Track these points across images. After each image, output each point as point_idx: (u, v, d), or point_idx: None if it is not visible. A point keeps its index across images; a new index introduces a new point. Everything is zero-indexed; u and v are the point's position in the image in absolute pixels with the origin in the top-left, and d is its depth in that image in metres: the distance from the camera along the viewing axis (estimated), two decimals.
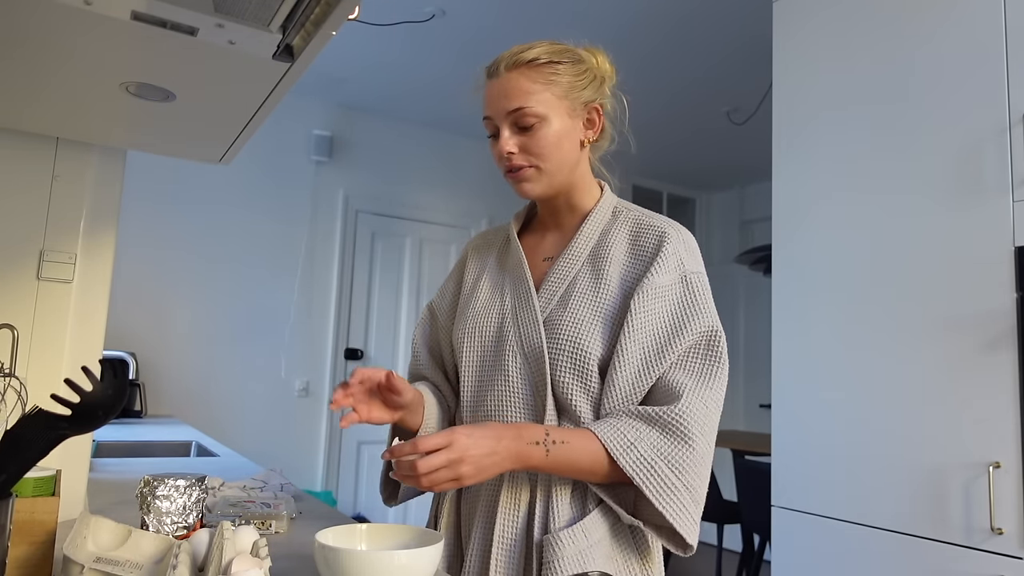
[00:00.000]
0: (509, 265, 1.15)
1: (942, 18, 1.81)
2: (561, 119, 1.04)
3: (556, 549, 0.94)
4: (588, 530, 0.97)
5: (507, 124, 1.04)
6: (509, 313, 1.09)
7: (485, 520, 1.03)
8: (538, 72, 1.03)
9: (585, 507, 1.00)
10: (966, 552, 1.62)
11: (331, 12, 0.73)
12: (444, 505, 1.10)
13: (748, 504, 3.17)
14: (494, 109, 1.05)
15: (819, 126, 2.07)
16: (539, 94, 1.03)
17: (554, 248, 1.13)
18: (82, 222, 1.18)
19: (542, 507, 0.99)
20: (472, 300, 1.15)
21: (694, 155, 4.99)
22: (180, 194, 3.89)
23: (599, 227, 1.10)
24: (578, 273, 1.07)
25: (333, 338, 4.28)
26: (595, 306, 1.03)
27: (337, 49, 3.62)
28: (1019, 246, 1.60)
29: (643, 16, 3.15)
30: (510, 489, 1.01)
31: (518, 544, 0.99)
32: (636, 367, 0.98)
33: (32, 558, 0.79)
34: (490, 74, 1.07)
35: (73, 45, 0.81)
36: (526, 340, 1.04)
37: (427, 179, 4.68)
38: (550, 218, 1.15)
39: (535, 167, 1.05)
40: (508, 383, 1.05)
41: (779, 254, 2.14)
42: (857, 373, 1.89)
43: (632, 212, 1.12)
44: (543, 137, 1.03)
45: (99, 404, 0.75)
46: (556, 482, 1.00)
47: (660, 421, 0.94)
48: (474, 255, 1.23)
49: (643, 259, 1.05)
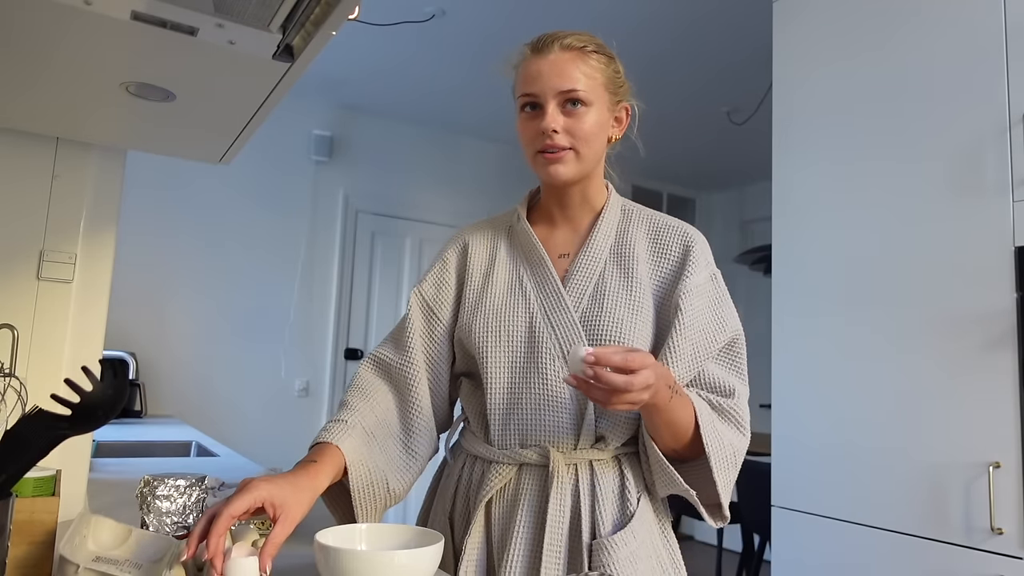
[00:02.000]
0: (526, 259, 1.11)
1: (942, 18, 1.81)
2: (601, 110, 1.05)
3: (612, 552, 0.96)
4: (636, 532, 0.99)
5: (556, 102, 1.03)
6: (538, 311, 1.06)
7: (531, 527, 1.00)
8: (589, 60, 1.04)
9: (626, 510, 1.01)
10: (966, 552, 1.62)
11: (331, 12, 0.73)
12: (475, 515, 1.04)
13: (748, 504, 3.16)
14: (543, 86, 1.03)
15: (819, 126, 2.07)
16: (590, 80, 1.03)
17: (568, 244, 1.12)
18: (82, 222, 1.18)
19: (588, 512, 1.00)
20: (486, 296, 1.10)
21: (694, 155, 4.99)
22: (180, 194, 3.89)
23: (614, 224, 1.11)
24: (604, 271, 1.07)
25: (333, 338, 4.27)
26: (630, 305, 1.04)
27: (337, 49, 3.62)
28: (1019, 246, 1.60)
29: (643, 16, 3.15)
30: (558, 495, 1.00)
31: (565, 549, 0.99)
32: (687, 363, 1.01)
33: (32, 558, 0.79)
34: (538, 50, 1.05)
35: (73, 45, 0.81)
36: (565, 340, 1.03)
37: (427, 179, 4.68)
38: (559, 211, 1.13)
39: (574, 150, 1.04)
40: (547, 385, 1.03)
41: (779, 254, 2.14)
42: (857, 373, 1.89)
43: (643, 212, 1.14)
44: (588, 123, 1.03)
45: (99, 404, 0.75)
46: (601, 487, 1.01)
47: (722, 410, 1.01)
48: (476, 246, 1.16)
49: (672, 259, 1.07)
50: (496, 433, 1.05)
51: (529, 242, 1.12)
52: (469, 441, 1.11)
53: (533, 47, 1.06)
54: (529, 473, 1.03)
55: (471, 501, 1.07)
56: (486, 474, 1.05)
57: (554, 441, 1.03)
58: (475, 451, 1.09)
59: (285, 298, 4.16)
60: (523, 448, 1.04)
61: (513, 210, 1.19)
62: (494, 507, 1.04)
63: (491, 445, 1.06)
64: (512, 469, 1.04)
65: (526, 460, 1.03)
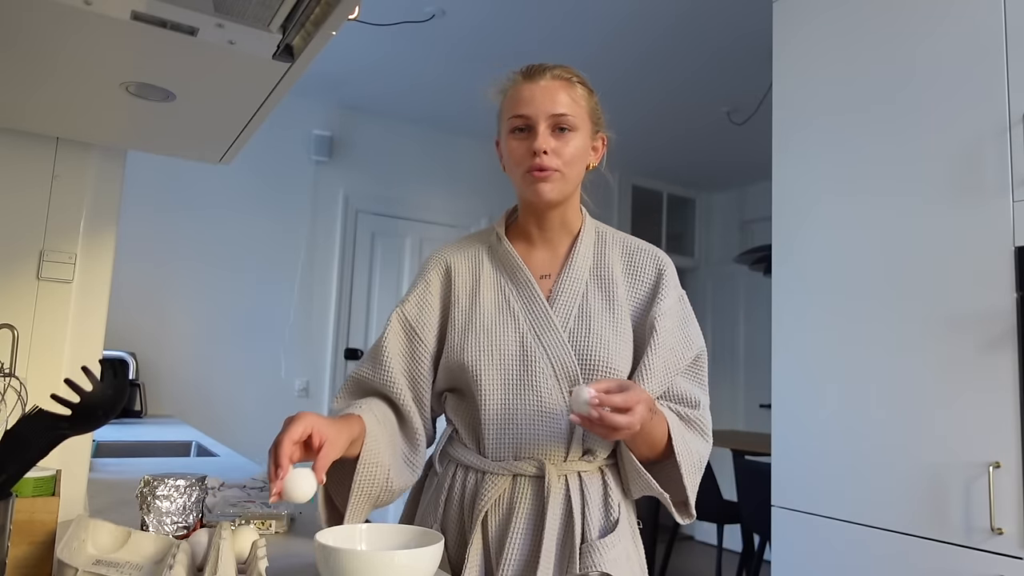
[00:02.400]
0: (510, 279, 1.16)
1: (942, 18, 1.81)
2: (584, 137, 1.14)
3: (602, 553, 1.04)
4: (620, 535, 1.08)
5: (547, 125, 1.10)
6: (528, 331, 1.12)
7: (527, 533, 1.06)
8: (575, 90, 1.13)
9: (610, 516, 1.10)
10: (966, 552, 1.62)
11: (331, 12, 0.73)
12: (475, 524, 1.08)
13: (748, 504, 3.17)
14: (535, 108, 1.10)
15: (819, 126, 2.07)
16: (578, 107, 1.12)
17: (547, 265, 1.18)
18: (82, 222, 1.18)
19: (579, 518, 1.07)
20: (475, 317, 1.14)
21: (694, 155, 4.99)
22: (180, 194, 3.89)
23: (591, 247, 1.19)
24: (586, 291, 1.15)
25: (333, 338, 4.28)
26: (613, 325, 1.12)
27: (337, 49, 3.62)
28: (1019, 246, 1.60)
29: (643, 16, 3.15)
30: (553, 504, 1.06)
31: (559, 553, 1.05)
32: (660, 379, 1.11)
33: (32, 558, 0.79)
34: (530, 76, 1.13)
35: (73, 45, 0.81)
36: (557, 360, 1.10)
37: (427, 179, 4.68)
38: (538, 232, 1.19)
39: (560, 171, 1.10)
40: (540, 402, 1.09)
41: (779, 254, 2.14)
42: (857, 373, 1.89)
43: (616, 234, 1.23)
44: (573, 146, 1.11)
45: (99, 404, 0.75)
46: (589, 495, 1.09)
47: (690, 420, 1.11)
48: (458, 267, 1.19)
49: (646, 282, 1.17)
50: (491, 446, 1.10)
51: (513, 263, 1.17)
52: (460, 452, 1.14)
53: (525, 74, 1.14)
54: (523, 483, 1.08)
55: (466, 510, 1.11)
56: (481, 484, 1.10)
57: (546, 453, 1.09)
58: (467, 461, 1.12)
59: (285, 298, 4.16)
60: (517, 460, 1.09)
61: (490, 229, 1.24)
62: (490, 515, 1.09)
63: (485, 456, 1.11)
64: (507, 479, 1.09)
65: (520, 471, 1.08)
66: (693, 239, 5.86)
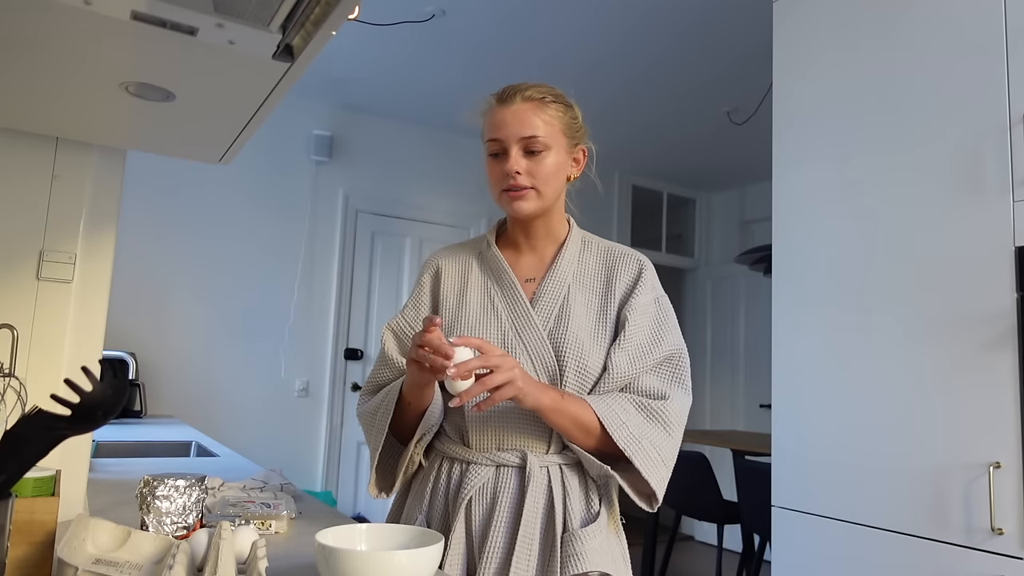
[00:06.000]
0: (496, 282, 1.24)
1: (942, 18, 1.81)
2: (559, 153, 1.19)
3: (583, 542, 1.08)
4: (601, 526, 1.13)
5: (518, 147, 1.16)
6: (510, 329, 1.19)
7: (510, 522, 1.11)
8: (548, 109, 1.18)
9: (591, 507, 1.15)
10: (966, 552, 1.62)
11: (331, 12, 0.72)
12: (458, 512, 1.13)
13: (748, 504, 3.16)
14: (507, 132, 1.16)
15: (819, 126, 2.07)
16: (548, 127, 1.17)
17: (533, 270, 1.25)
18: (82, 222, 1.18)
19: (561, 508, 1.11)
20: (461, 314, 1.22)
21: (694, 155, 4.99)
22: (180, 194, 3.89)
23: (576, 253, 1.25)
24: (568, 294, 1.20)
25: (333, 338, 4.27)
26: (589, 327, 1.18)
27: (337, 49, 3.62)
28: (1019, 246, 1.60)
29: (643, 16, 3.15)
30: (534, 494, 1.11)
31: (538, 542, 1.10)
32: (623, 371, 1.15)
33: (32, 558, 0.79)
34: (503, 100, 1.18)
35: (73, 45, 0.81)
36: (536, 358, 1.16)
37: (427, 179, 4.68)
38: (525, 240, 1.26)
39: (535, 189, 1.17)
40: None
41: (779, 254, 2.14)
42: (857, 373, 1.89)
43: (601, 242, 1.29)
44: (547, 165, 1.17)
45: (99, 404, 0.75)
46: (569, 486, 1.13)
47: (651, 410, 1.14)
48: (448, 269, 1.29)
49: (625, 281, 1.22)
50: (474, 438, 1.17)
51: (499, 267, 1.24)
52: (445, 444, 1.21)
53: (498, 98, 1.20)
54: (507, 473, 1.14)
55: (450, 499, 1.16)
56: (465, 474, 1.15)
57: (529, 445, 1.15)
58: (452, 453, 1.19)
59: (285, 298, 4.16)
60: (500, 451, 1.15)
61: (482, 237, 1.32)
62: (474, 504, 1.14)
63: (469, 448, 1.17)
64: (491, 469, 1.14)
65: (504, 462, 1.14)
66: (693, 239, 5.85)
